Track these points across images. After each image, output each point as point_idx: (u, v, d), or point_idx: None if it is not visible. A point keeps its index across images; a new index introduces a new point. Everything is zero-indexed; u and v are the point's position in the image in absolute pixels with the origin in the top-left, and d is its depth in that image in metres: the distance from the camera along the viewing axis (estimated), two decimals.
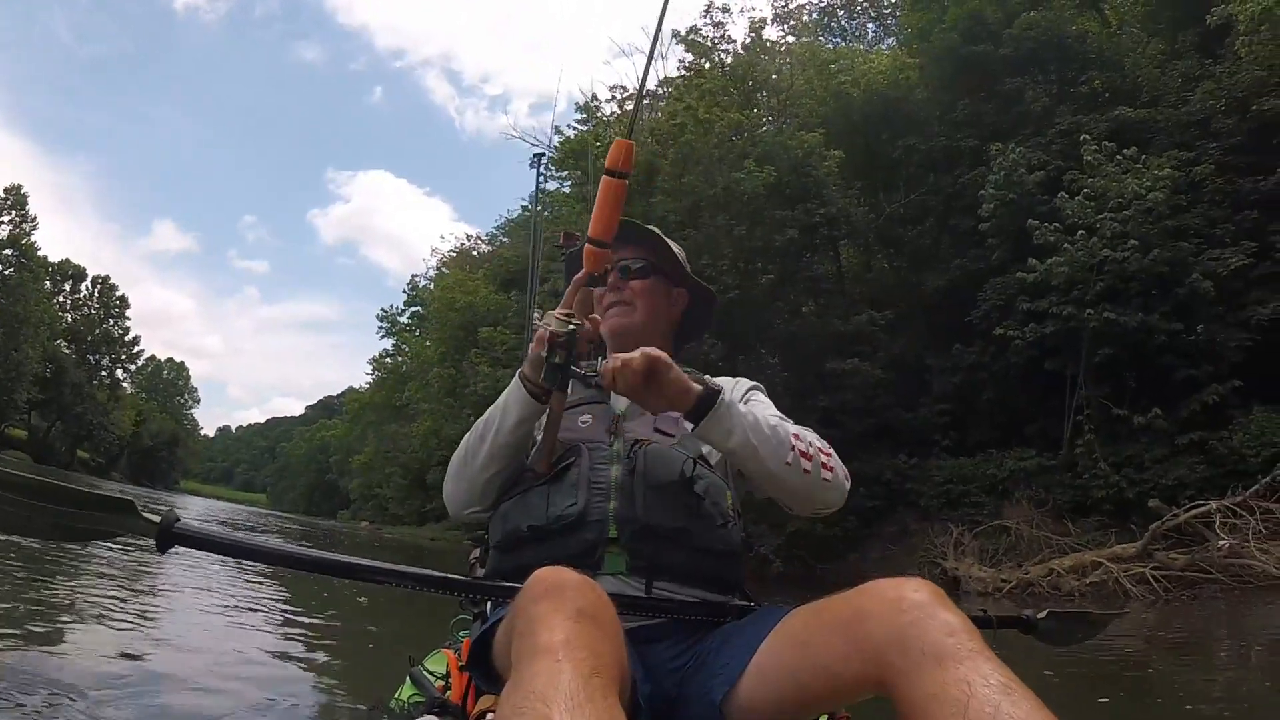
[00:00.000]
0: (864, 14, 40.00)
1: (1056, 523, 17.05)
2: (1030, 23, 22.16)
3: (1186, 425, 16.69)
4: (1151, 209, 16.78)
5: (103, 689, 3.92)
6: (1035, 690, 1.06)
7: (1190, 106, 19.84)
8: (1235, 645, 9.03)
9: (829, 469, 1.74)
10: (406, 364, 47.72)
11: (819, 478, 1.72)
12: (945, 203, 23.54)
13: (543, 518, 1.67)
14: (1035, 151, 20.16)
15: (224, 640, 6.03)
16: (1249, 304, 17.16)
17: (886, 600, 1.25)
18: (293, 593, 9.30)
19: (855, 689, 1.30)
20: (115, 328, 77.45)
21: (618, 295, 1.99)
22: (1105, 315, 16.55)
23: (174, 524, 1.43)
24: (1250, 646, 8.71)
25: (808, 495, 1.73)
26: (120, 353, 79.04)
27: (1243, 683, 6.58)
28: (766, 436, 1.66)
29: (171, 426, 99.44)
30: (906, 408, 21.25)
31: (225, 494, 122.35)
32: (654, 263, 2.04)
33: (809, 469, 1.70)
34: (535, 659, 1.08)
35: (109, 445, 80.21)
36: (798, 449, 1.69)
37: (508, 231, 46.43)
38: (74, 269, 73.65)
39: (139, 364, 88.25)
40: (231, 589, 8.93)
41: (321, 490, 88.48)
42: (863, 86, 24.40)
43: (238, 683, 4.69)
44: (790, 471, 1.68)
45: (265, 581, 9.77)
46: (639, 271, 2.01)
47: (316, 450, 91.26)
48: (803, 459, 1.69)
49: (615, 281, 1.99)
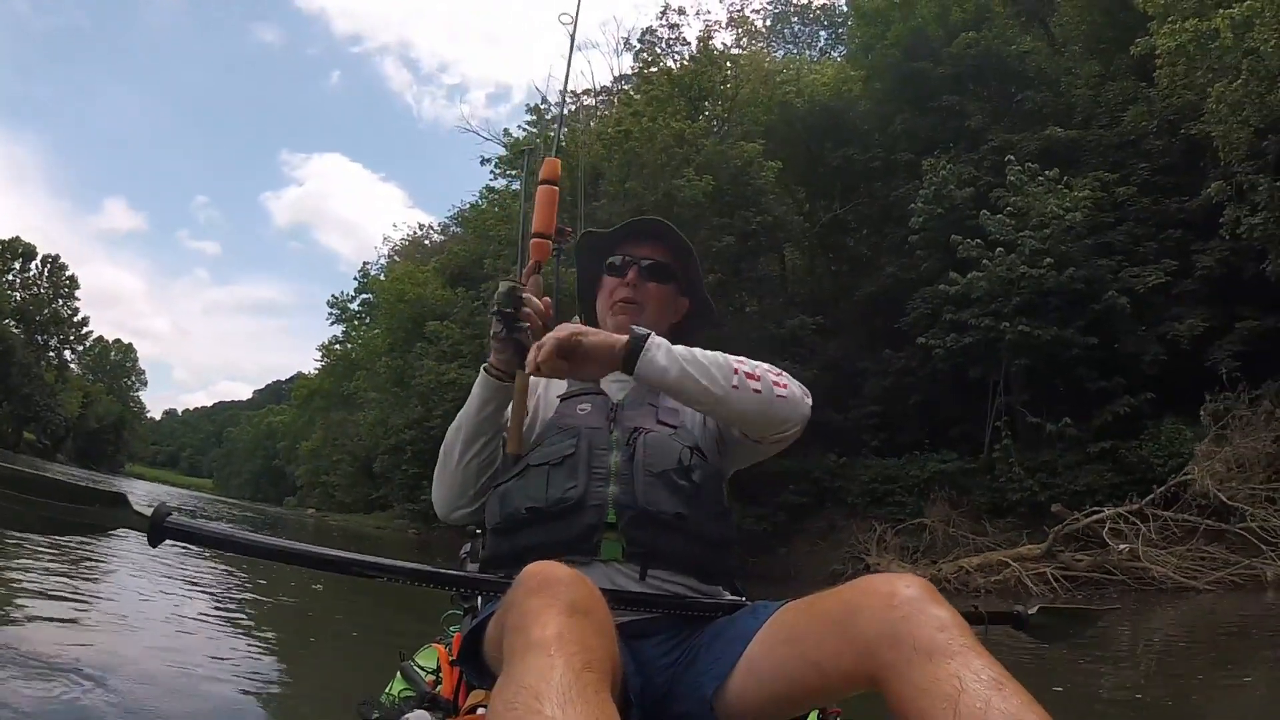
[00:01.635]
0: (817, 21, 40.63)
1: (975, 522, 17.88)
2: (970, 41, 22.78)
3: (1099, 434, 17.58)
4: (1071, 228, 17.57)
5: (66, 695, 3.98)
6: (1027, 685, 1.08)
7: (1122, 127, 20.72)
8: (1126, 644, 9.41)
9: (781, 385, 1.73)
10: (356, 351, 47.47)
11: (771, 394, 1.70)
12: (882, 212, 24.28)
13: (542, 499, 1.66)
14: (967, 167, 20.93)
15: (200, 636, 6.16)
16: (1168, 320, 17.95)
17: (878, 595, 1.27)
18: (260, 583, 9.45)
19: (847, 684, 1.31)
20: (64, 308, 76.29)
21: (631, 293, 1.96)
22: (1020, 328, 17.35)
23: (166, 518, 1.43)
24: (1137, 647, 9.20)
25: (764, 414, 1.72)
26: (69, 333, 77.93)
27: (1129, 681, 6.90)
28: (704, 365, 1.66)
29: (118, 409, 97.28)
30: (838, 409, 21.81)
31: (171, 478, 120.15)
32: (674, 267, 2.01)
33: (759, 388, 1.69)
34: (528, 654, 1.09)
35: (55, 427, 78.60)
36: (742, 370, 1.69)
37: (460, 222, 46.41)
38: (24, 247, 72.21)
39: (86, 345, 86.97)
40: (195, 579, 9.12)
41: (268, 476, 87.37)
42: (807, 97, 25.10)
43: (218, 682, 4.80)
44: (739, 395, 1.67)
45: (232, 572, 9.86)
46: (659, 274, 1.98)
47: (264, 436, 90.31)
48: (749, 379, 1.69)
49: (634, 278, 1.96)
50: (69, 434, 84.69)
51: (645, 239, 2.00)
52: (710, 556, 1.73)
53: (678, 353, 1.66)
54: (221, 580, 9.65)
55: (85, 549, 9.31)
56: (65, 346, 79.00)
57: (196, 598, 8.14)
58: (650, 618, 1.63)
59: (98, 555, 9.24)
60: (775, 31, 40.96)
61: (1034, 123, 21.94)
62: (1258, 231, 15.45)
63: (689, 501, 1.68)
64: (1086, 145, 21.20)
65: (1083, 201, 17.90)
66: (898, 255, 22.80)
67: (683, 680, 1.56)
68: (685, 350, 1.67)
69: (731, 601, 1.69)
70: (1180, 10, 16.04)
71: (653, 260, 1.98)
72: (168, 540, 1.44)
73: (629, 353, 1.63)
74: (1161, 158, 19.66)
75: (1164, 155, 19.62)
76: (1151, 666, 7.97)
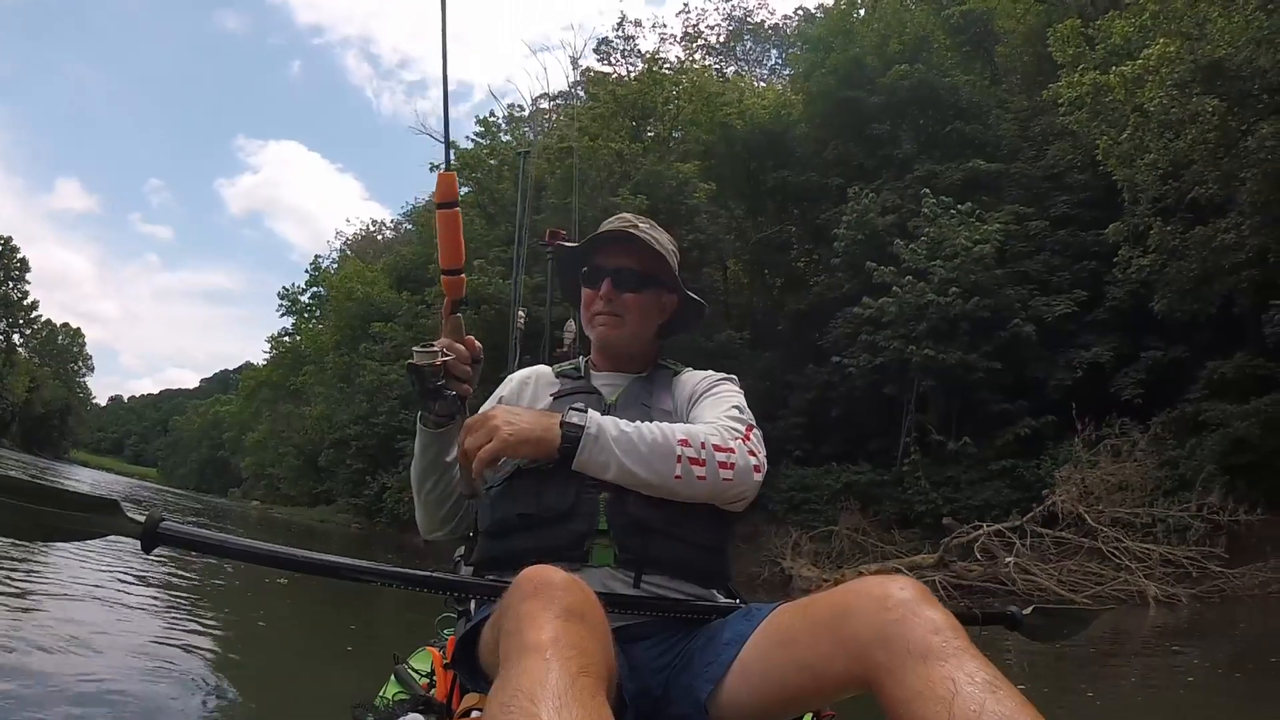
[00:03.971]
0: (768, 40, 41.56)
1: (885, 532, 18.88)
2: (902, 74, 23.55)
3: (1001, 453, 18.65)
4: (980, 259, 18.63)
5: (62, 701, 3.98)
6: (1020, 687, 1.09)
7: (1046, 161, 21.70)
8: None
9: (727, 466, 1.67)
10: (304, 345, 47.42)
11: (717, 479, 1.65)
12: (814, 233, 25.20)
13: (534, 506, 1.66)
14: (892, 195, 21.87)
15: (192, 639, 6.19)
16: (1076, 347, 19.00)
17: (872, 598, 1.27)
18: (251, 585, 9.43)
19: (840, 686, 1.32)
20: (14, 291, 75.65)
21: (608, 305, 1.92)
22: (925, 352, 18.40)
23: (159, 524, 1.42)
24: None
25: (712, 497, 1.68)
26: (18, 317, 77.22)
27: None
28: (645, 456, 1.62)
29: (64, 394, 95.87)
30: (767, 419, 22.52)
31: (116, 466, 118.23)
32: (648, 273, 1.94)
33: (704, 474, 1.64)
34: (523, 657, 1.10)
35: (1, 412, 77.88)
36: (686, 457, 1.64)
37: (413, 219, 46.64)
38: None
39: (35, 328, 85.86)
40: (182, 583, 9.18)
41: (213, 467, 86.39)
42: (747, 119, 25.92)
43: (212, 685, 4.85)
44: (683, 484, 1.64)
45: (220, 575, 9.85)
46: (633, 283, 1.92)
47: (210, 425, 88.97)
48: (694, 466, 1.64)
49: (608, 291, 1.91)
50: (14, 419, 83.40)
51: (616, 248, 1.93)
52: (704, 561, 1.73)
53: (617, 448, 1.63)
54: (210, 583, 9.63)
55: (59, 555, 8.89)
56: (14, 330, 78.19)
57: (185, 601, 8.17)
58: (644, 621, 1.63)
59: (73, 561, 8.83)
60: (728, 48, 41.91)
61: (961, 153, 22.73)
62: (1145, 273, 16.48)
63: (682, 507, 1.66)
64: (1009, 177, 22.18)
65: (994, 234, 18.93)
66: (824, 275, 23.76)
67: (677, 683, 1.56)
68: (626, 437, 1.64)
69: (725, 604, 1.70)
70: (1090, 60, 17.04)
71: (624, 268, 1.92)
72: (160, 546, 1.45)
73: (564, 446, 1.61)
74: (1083, 191, 20.48)
75: (1085, 189, 20.41)
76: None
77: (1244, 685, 7.70)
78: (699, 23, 41.13)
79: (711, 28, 41.34)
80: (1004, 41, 25.90)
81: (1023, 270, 19.86)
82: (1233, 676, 8.29)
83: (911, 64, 23.83)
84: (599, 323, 1.94)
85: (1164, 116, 14.88)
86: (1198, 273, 15.96)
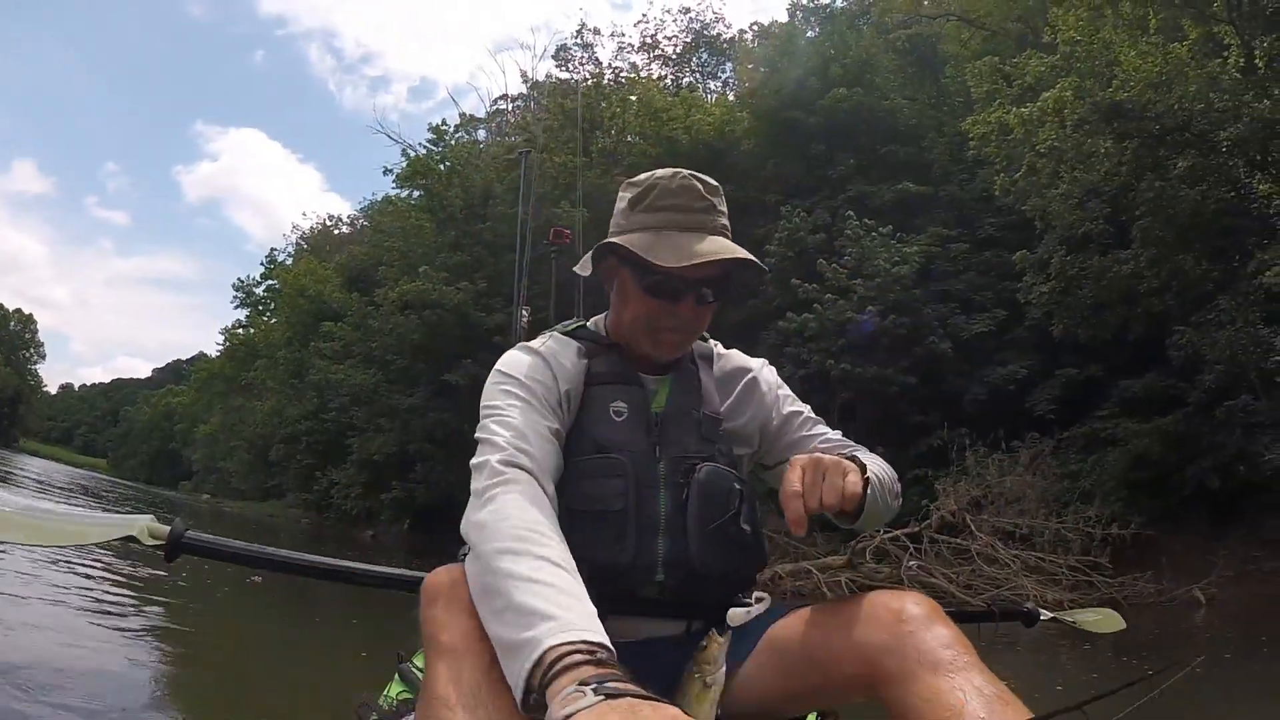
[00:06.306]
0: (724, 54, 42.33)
1: (810, 534, 19.86)
2: (841, 97, 24.48)
3: (915, 462, 19.64)
4: (899, 279, 19.66)
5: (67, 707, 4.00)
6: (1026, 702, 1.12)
7: (975, 184, 22.52)
8: None
9: (898, 494, 1.72)
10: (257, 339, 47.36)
11: (895, 506, 1.71)
12: (752, 248, 25.51)
13: (588, 561, 1.33)
14: (824, 214, 22.76)
15: (197, 640, 6.31)
16: (994, 364, 19.93)
17: (889, 610, 1.31)
18: (255, 586, 9.39)
19: (847, 688, 1.36)
20: None
21: (685, 322, 1.71)
22: (843, 366, 19.46)
23: (183, 534, 1.41)
24: None
25: (882, 521, 1.70)
26: None
27: None
28: (892, 503, 1.68)
29: (15, 382, 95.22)
30: None
31: (65, 456, 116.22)
32: (729, 277, 1.77)
33: (896, 505, 1.72)
34: (438, 662, 1.14)
35: None
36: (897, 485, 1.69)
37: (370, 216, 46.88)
38: None
39: None
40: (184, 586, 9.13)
41: (164, 459, 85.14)
42: (693, 134, 26.74)
43: (216, 685, 4.99)
44: (890, 512, 1.69)
45: (225, 577, 9.73)
46: (714, 296, 1.73)
47: (161, 417, 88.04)
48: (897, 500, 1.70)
49: (689, 310, 1.69)
50: None
51: (700, 263, 1.63)
52: (745, 591, 1.66)
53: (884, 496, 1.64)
54: (215, 584, 9.63)
55: (65, 561, 8.88)
56: None
57: (189, 602, 8.24)
58: (669, 637, 1.59)
59: (74, 563, 8.91)
60: (684, 59, 42.67)
61: (894, 175, 23.58)
62: (1044, 299, 17.35)
63: (741, 553, 1.62)
64: (938, 200, 23.16)
65: (913, 256, 19.96)
66: (760, 289, 24.52)
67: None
68: (878, 483, 1.60)
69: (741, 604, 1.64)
70: (1006, 95, 17.92)
71: (710, 279, 1.70)
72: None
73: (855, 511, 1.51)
74: (1009, 214, 21.05)
75: (1011, 213, 20.87)
76: None
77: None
78: (657, 33, 41.68)
79: (670, 38, 42.03)
80: (951, 63, 26.29)
81: (945, 289, 20.82)
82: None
83: (851, 88, 24.65)
84: (668, 340, 1.72)
85: (1063, 156, 15.77)
86: (1093, 301, 16.75)
